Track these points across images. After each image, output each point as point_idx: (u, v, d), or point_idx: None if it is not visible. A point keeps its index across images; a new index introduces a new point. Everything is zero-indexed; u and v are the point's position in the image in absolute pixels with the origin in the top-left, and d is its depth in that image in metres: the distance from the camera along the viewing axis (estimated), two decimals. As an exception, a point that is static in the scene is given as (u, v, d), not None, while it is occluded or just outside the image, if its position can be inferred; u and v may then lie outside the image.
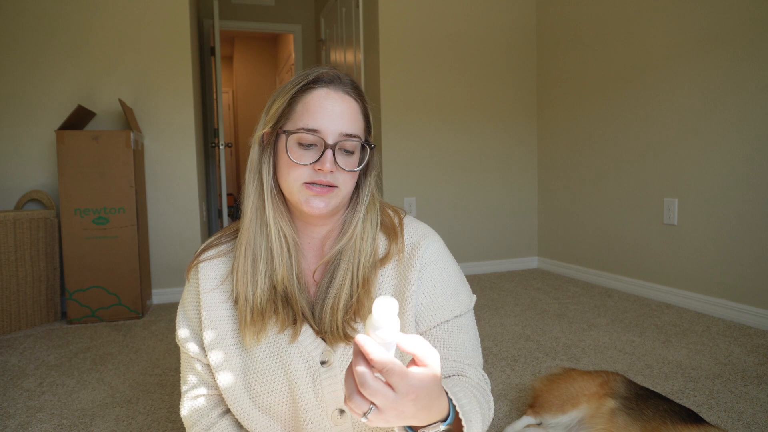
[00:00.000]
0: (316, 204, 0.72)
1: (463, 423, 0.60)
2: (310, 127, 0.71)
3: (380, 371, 0.46)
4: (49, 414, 1.44)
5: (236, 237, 0.79)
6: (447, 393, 0.59)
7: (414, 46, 3.22)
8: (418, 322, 0.77)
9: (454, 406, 0.59)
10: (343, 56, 3.86)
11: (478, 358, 0.80)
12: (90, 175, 2.37)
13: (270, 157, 0.76)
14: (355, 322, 0.75)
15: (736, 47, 2.14)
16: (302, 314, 0.76)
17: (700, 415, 1.18)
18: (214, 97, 4.02)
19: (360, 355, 0.46)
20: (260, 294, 0.74)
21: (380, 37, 3.16)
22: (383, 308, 0.45)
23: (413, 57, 3.22)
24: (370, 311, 0.71)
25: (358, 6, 3.45)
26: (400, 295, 0.77)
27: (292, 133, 0.72)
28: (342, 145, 0.73)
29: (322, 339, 0.75)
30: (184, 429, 1.33)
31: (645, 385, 1.49)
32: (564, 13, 3.18)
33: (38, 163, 2.59)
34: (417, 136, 3.26)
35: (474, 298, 0.84)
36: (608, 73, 2.84)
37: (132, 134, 2.43)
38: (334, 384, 0.74)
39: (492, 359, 1.79)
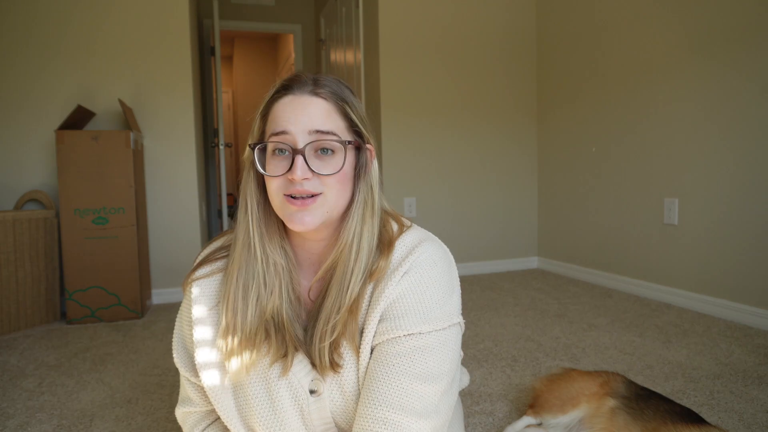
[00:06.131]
0: (299, 219, 0.67)
1: None
2: (277, 130, 0.67)
3: None
4: (48, 414, 1.44)
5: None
6: None
7: (414, 46, 3.22)
8: (377, 330, 0.69)
9: None
10: (343, 56, 3.86)
11: (433, 390, 0.66)
12: (89, 175, 2.37)
13: (253, 177, 0.73)
14: (341, 346, 0.69)
15: (736, 48, 2.14)
16: (295, 343, 0.72)
17: (701, 415, 1.17)
18: (214, 97, 4.02)
19: None
20: (250, 323, 0.70)
21: (380, 37, 3.15)
22: None
23: (413, 57, 3.22)
24: (353, 333, 0.67)
25: (358, 6, 3.44)
26: (376, 296, 0.69)
27: (260, 143, 0.69)
28: (318, 144, 0.67)
29: (313, 365, 0.71)
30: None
31: (645, 385, 1.49)
32: (564, 14, 3.18)
33: (38, 163, 2.58)
34: (417, 136, 3.26)
35: (456, 320, 0.72)
36: (608, 73, 2.84)
37: (132, 134, 2.43)
38: (323, 414, 0.72)
39: (492, 359, 1.79)
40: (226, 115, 7.45)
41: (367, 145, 0.74)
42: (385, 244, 0.72)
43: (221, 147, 3.50)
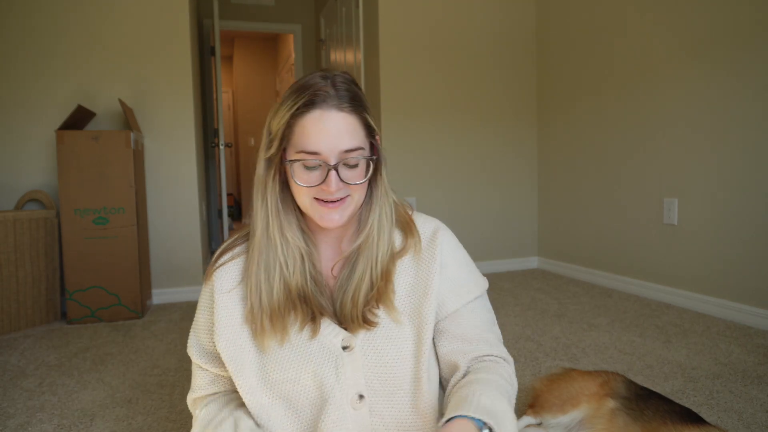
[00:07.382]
0: (330, 217, 0.76)
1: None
2: (310, 150, 0.72)
3: None
4: (49, 414, 1.44)
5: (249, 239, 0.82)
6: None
7: (414, 46, 3.22)
8: (443, 306, 0.82)
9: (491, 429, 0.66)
10: (343, 56, 3.86)
11: (499, 334, 0.87)
12: (90, 175, 2.37)
13: (275, 175, 0.78)
14: (376, 308, 0.78)
15: (735, 48, 2.14)
16: (321, 309, 0.79)
17: (700, 415, 1.18)
18: (214, 97, 4.02)
19: None
20: (277, 299, 0.76)
21: (380, 37, 3.16)
22: None
23: (413, 57, 3.22)
24: (389, 298, 0.80)
25: (358, 6, 3.45)
26: (423, 284, 0.81)
27: (295, 160, 0.74)
28: (346, 161, 0.74)
29: (343, 327, 0.78)
30: (185, 429, 1.33)
31: (645, 385, 1.49)
32: (564, 14, 3.18)
33: (38, 163, 2.59)
34: (417, 136, 3.26)
35: (486, 282, 0.90)
36: (608, 73, 2.84)
37: (132, 134, 2.43)
38: (356, 367, 0.76)
39: (492, 359, 1.79)
40: (226, 115, 7.45)
41: (376, 137, 0.81)
42: (403, 223, 0.85)
43: (221, 147, 3.50)
